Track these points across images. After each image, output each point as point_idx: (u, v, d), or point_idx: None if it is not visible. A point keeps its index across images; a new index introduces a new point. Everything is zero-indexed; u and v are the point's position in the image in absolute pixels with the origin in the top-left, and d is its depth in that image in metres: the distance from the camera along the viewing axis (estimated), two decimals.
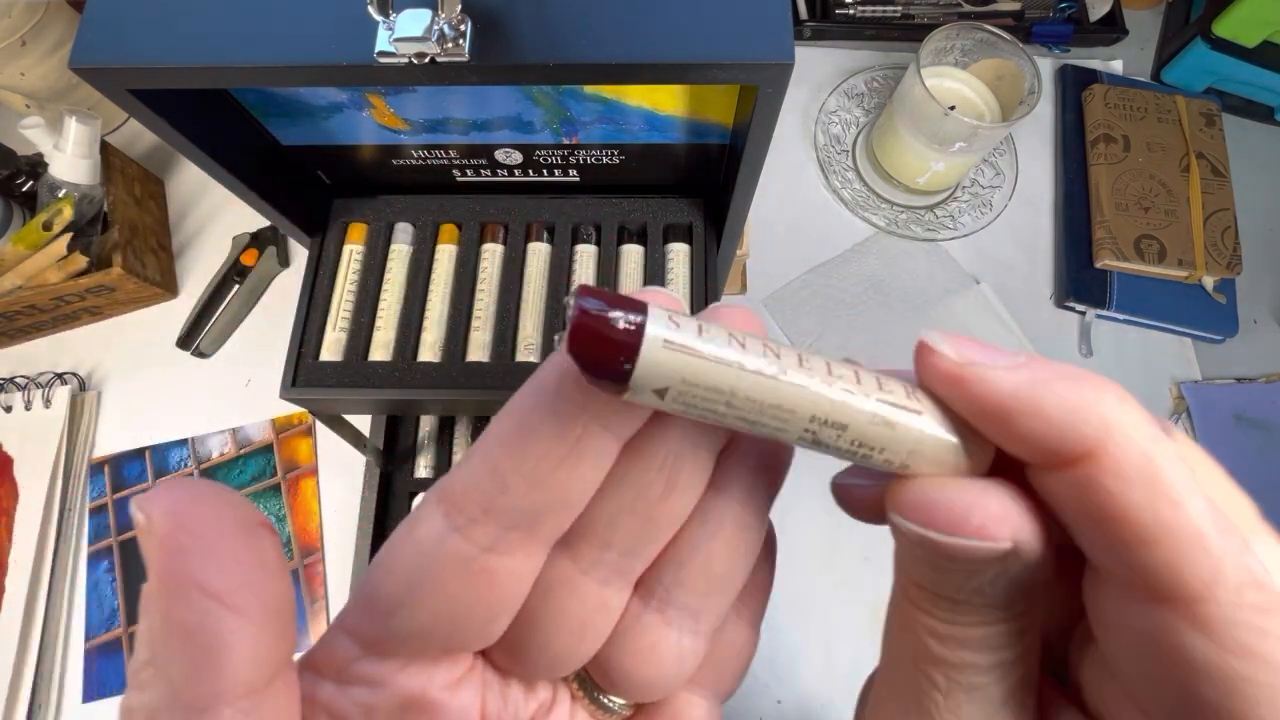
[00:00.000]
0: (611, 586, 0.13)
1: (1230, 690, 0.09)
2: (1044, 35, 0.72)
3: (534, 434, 0.11)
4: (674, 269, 0.41)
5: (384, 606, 0.12)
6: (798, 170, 0.68)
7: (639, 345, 0.09)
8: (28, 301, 0.55)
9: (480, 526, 0.12)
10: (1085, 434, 0.10)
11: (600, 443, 0.12)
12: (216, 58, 0.26)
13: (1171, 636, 0.09)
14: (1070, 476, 0.10)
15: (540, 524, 0.12)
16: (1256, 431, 0.59)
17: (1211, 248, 0.62)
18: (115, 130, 0.68)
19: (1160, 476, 0.10)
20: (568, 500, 0.12)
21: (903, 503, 0.11)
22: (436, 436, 0.55)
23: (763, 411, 0.10)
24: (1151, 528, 0.09)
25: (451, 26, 0.25)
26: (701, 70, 0.26)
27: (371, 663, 0.13)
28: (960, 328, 0.61)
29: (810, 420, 0.10)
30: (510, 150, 0.39)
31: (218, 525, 0.11)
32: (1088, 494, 0.10)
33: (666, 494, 0.12)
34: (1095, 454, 0.10)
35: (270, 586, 0.11)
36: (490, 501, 0.12)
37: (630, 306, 0.10)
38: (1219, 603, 0.09)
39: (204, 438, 0.59)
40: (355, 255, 0.41)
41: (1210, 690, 0.09)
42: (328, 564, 0.55)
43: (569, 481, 0.12)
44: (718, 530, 0.13)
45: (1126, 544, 0.10)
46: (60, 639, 0.53)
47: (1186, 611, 0.09)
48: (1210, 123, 0.67)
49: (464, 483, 0.12)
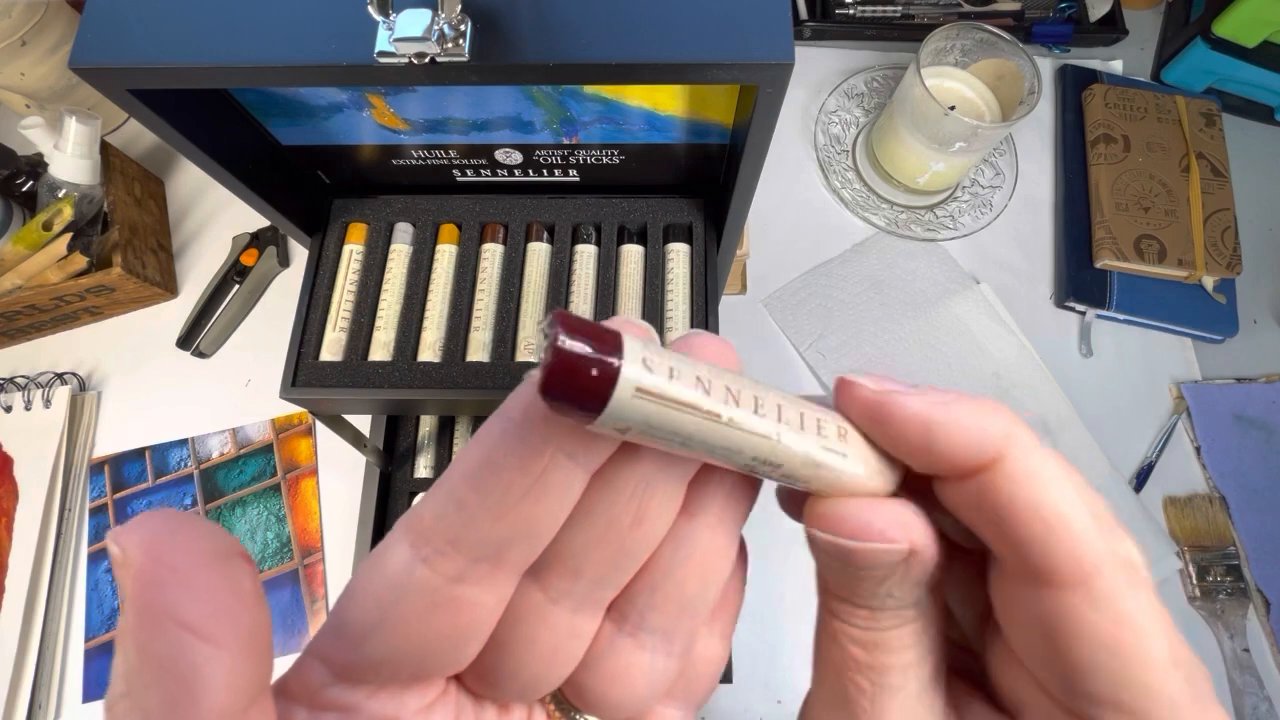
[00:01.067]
0: (582, 614, 0.13)
1: (1115, 653, 0.11)
2: (1044, 35, 0.72)
3: (499, 466, 0.12)
4: (674, 269, 0.41)
5: (354, 635, 0.12)
6: (798, 170, 0.68)
7: (610, 393, 0.10)
8: (28, 301, 0.55)
9: (446, 558, 0.12)
10: (991, 443, 0.12)
11: (566, 475, 0.12)
12: (216, 58, 0.26)
13: (1066, 613, 0.11)
14: (977, 483, 0.12)
15: (507, 555, 0.12)
16: (1256, 431, 0.59)
17: (1211, 248, 0.62)
18: (115, 130, 0.68)
19: (1055, 477, 0.11)
20: (534, 532, 0.12)
21: (818, 517, 0.13)
22: (436, 436, 0.55)
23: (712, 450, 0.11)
24: (1050, 520, 0.11)
25: (451, 26, 0.25)
26: (701, 70, 0.26)
27: (343, 689, 0.13)
28: (960, 328, 0.61)
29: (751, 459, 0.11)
30: (510, 150, 0.39)
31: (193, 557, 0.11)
32: (994, 495, 0.12)
33: (637, 523, 0.12)
34: (999, 460, 0.12)
35: (246, 615, 0.11)
36: (456, 533, 0.12)
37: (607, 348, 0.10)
38: (1105, 580, 0.11)
39: (204, 438, 0.59)
40: (355, 255, 0.41)
41: (1100, 656, 0.11)
42: (328, 564, 0.55)
43: (535, 514, 0.12)
44: (690, 555, 0.13)
45: (1029, 536, 0.11)
46: (60, 639, 0.53)
47: (1081, 590, 0.11)
48: (1210, 123, 0.67)
49: (431, 515, 0.12)
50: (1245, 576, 0.54)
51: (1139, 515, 0.56)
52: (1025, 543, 0.11)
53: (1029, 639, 0.12)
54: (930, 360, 0.61)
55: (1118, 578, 0.11)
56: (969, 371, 0.60)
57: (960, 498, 0.12)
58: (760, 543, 0.39)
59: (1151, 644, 0.11)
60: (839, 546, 0.12)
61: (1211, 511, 0.56)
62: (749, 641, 0.52)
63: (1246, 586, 0.54)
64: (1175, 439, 0.59)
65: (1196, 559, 0.55)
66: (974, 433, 0.12)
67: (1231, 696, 0.52)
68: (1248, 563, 0.55)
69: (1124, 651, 0.11)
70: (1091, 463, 0.58)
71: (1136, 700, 0.11)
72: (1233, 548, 0.55)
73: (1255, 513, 0.56)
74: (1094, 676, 0.11)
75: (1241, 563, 0.55)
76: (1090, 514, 0.11)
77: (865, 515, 0.12)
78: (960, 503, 0.12)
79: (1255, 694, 0.51)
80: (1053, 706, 0.12)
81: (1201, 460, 0.58)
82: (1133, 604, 0.11)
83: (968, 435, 0.12)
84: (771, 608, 0.53)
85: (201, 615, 0.10)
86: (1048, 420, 0.59)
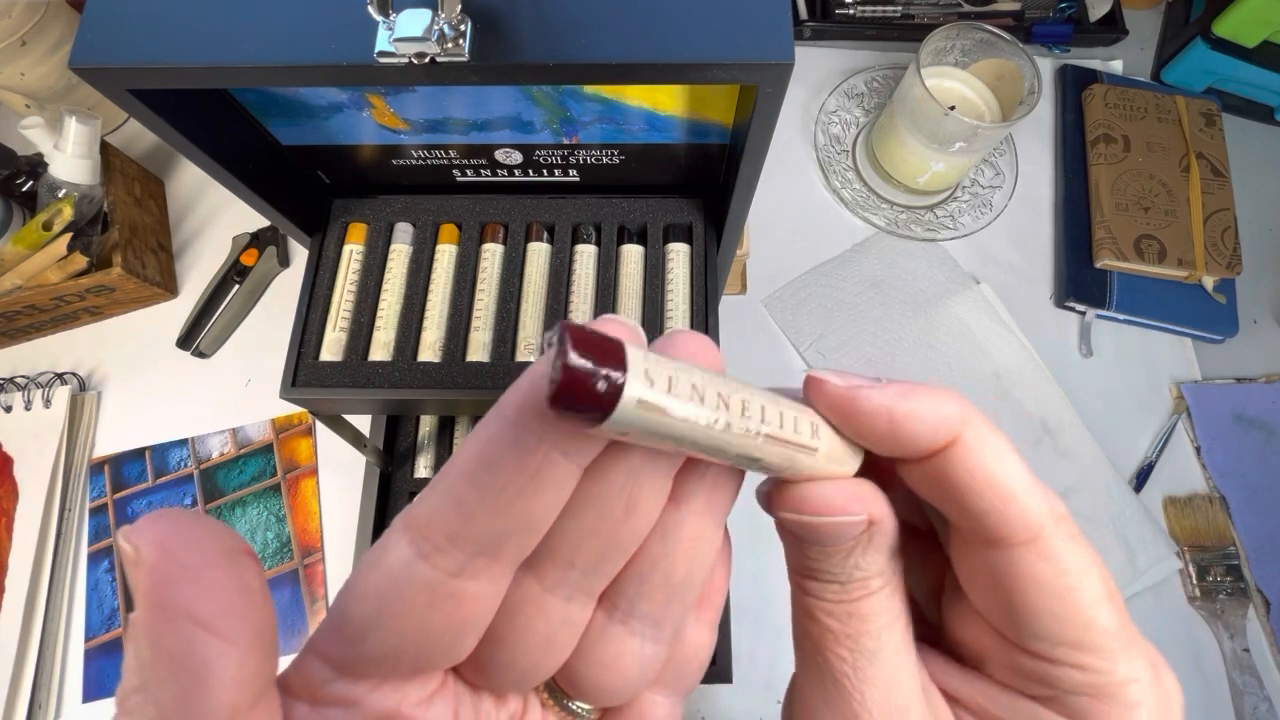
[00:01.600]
0: (575, 602, 0.14)
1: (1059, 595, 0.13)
2: (1044, 35, 0.72)
3: (496, 464, 0.12)
4: (674, 269, 0.41)
5: (355, 630, 0.13)
6: (798, 170, 0.68)
7: (615, 406, 0.10)
8: (28, 301, 0.55)
9: (446, 554, 0.12)
10: (947, 427, 0.13)
11: (561, 471, 0.12)
12: (216, 58, 0.26)
13: (1018, 568, 0.13)
14: (936, 462, 0.13)
15: (504, 549, 0.12)
16: (1256, 431, 0.59)
17: (1211, 248, 0.62)
18: (115, 130, 0.68)
19: (1003, 452, 0.13)
20: (530, 526, 0.12)
21: (786, 501, 0.14)
22: (436, 436, 0.55)
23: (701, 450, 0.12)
24: (1002, 490, 0.13)
25: (451, 26, 0.25)
26: (701, 70, 0.26)
27: (345, 684, 0.13)
28: (960, 328, 0.62)
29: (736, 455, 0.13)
30: (510, 150, 0.39)
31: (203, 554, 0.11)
32: (953, 472, 0.13)
33: (627, 515, 0.13)
34: (956, 442, 0.13)
35: (254, 612, 0.11)
36: (455, 530, 0.12)
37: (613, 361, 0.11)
38: (1047, 536, 0.13)
39: (204, 438, 0.59)
40: (355, 255, 0.41)
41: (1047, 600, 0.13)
42: (328, 564, 0.55)
43: (531, 509, 0.12)
44: (677, 543, 0.14)
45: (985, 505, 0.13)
46: (60, 639, 0.53)
47: (1030, 546, 0.13)
48: (1210, 123, 0.67)
49: (429, 512, 0.12)
50: (1245, 576, 0.54)
51: (1139, 515, 0.56)
52: (982, 511, 0.13)
53: (987, 594, 0.14)
54: (930, 360, 0.61)
55: (1057, 532, 0.13)
56: (969, 371, 0.60)
57: (922, 476, 0.14)
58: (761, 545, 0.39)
59: (1087, 584, 0.13)
60: (806, 524, 0.14)
61: (1211, 511, 0.56)
62: (749, 641, 0.52)
63: (1246, 586, 0.54)
64: (1175, 439, 0.59)
65: (1196, 559, 0.55)
66: (932, 419, 0.13)
67: (1231, 696, 0.52)
68: (1248, 563, 0.55)
69: (1066, 594, 0.13)
70: (1091, 463, 0.58)
71: (1079, 633, 0.13)
72: (1233, 548, 0.55)
73: (1255, 513, 0.56)
74: (1043, 619, 0.13)
75: (1241, 563, 0.55)
76: (1031, 480, 0.13)
77: (828, 494, 0.14)
78: (922, 481, 0.14)
79: (1255, 694, 0.51)
80: (1013, 651, 0.14)
81: (1201, 460, 0.58)
82: (1069, 552, 0.13)
83: (927, 422, 0.13)
84: (771, 609, 0.53)
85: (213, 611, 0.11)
86: (1048, 420, 0.59)
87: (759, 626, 0.53)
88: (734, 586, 0.51)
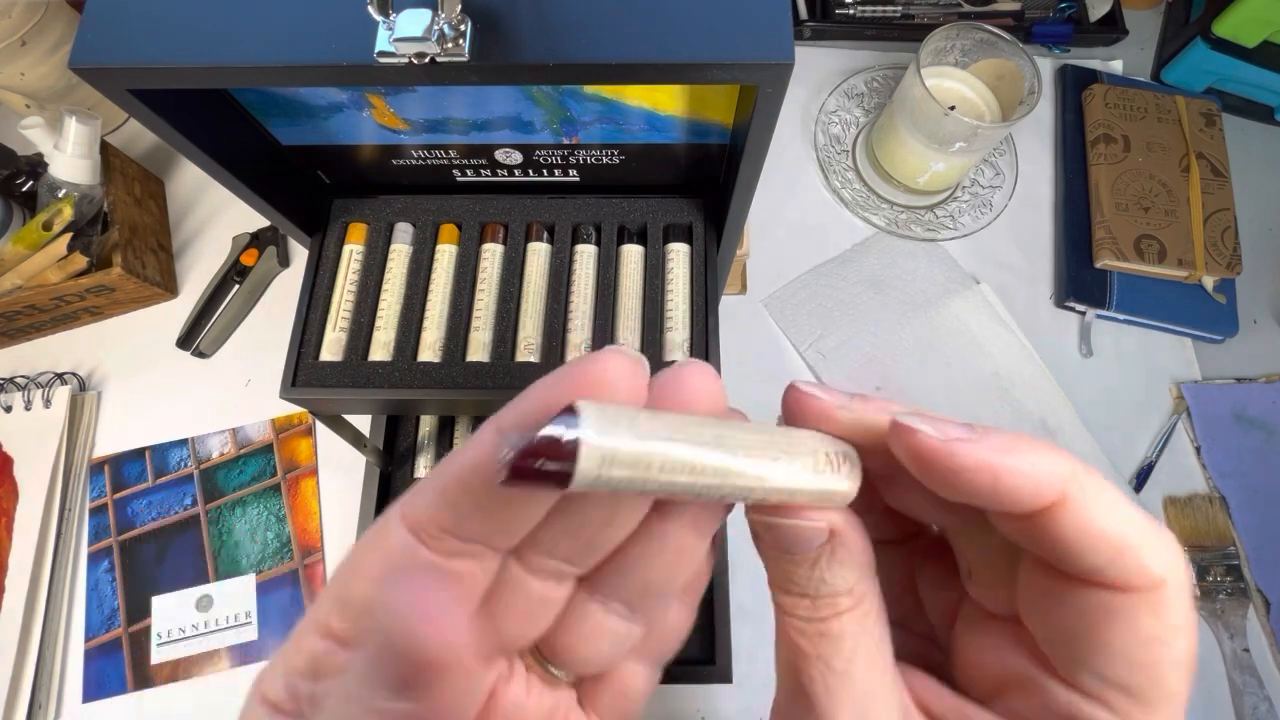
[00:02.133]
0: (553, 583, 0.15)
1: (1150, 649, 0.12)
2: (1044, 35, 0.72)
3: (489, 475, 0.13)
4: (674, 269, 0.41)
5: (357, 606, 0.14)
6: (798, 170, 0.68)
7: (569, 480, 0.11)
8: (28, 301, 0.55)
9: (441, 542, 0.13)
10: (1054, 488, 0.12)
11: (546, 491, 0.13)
12: (216, 58, 0.26)
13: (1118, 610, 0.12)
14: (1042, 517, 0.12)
15: (493, 542, 0.14)
16: (1256, 431, 0.59)
17: (1211, 248, 0.62)
18: (115, 130, 0.68)
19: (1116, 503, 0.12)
20: (517, 530, 0.14)
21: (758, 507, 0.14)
22: (436, 436, 0.55)
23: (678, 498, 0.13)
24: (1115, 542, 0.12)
25: (451, 26, 0.25)
26: (701, 70, 0.26)
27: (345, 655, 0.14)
28: (960, 328, 0.61)
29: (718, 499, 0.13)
30: (510, 150, 0.39)
31: None
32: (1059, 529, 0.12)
33: (606, 524, 0.14)
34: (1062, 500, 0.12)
35: None
36: (449, 526, 0.13)
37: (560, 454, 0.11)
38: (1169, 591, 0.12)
39: (204, 438, 0.59)
40: (355, 255, 0.41)
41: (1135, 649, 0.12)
42: (328, 564, 0.55)
43: (518, 516, 0.13)
44: (660, 552, 0.14)
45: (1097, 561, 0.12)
46: (60, 639, 0.53)
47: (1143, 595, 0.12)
48: (1210, 123, 0.67)
49: (426, 509, 0.14)
50: (1245, 576, 0.54)
51: None
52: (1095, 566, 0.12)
53: (1053, 620, 0.13)
54: (930, 360, 0.61)
55: (1180, 591, 0.12)
56: (969, 371, 0.60)
57: (1022, 529, 0.13)
58: None
59: (1178, 644, 0.12)
60: (770, 524, 0.14)
61: (1211, 511, 0.56)
62: (749, 641, 0.52)
63: (1246, 586, 0.54)
64: (1175, 439, 0.59)
65: (1196, 559, 0.55)
66: (1037, 477, 0.12)
67: (1231, 696, 0.52)
68: (1248, 563, 0.55)
69: (1155, 647, 0.12)
70: (1091, 463, 0.57)
71: (1142, 683, 0.12)
72: (1233, 548, 0.55)
73: (1255, 513, 0.56)
74: (1116, 661, 0.12)
75: (1241, 563, 0.55)
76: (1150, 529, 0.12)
77: None
78: (1020, 533, 0.13)
79: (1255, 694, 0.51)
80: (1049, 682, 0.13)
81: (1201, 460, 0.58)
82: (1181, 613, 0.12)
83: (1032, 479, 0.12)
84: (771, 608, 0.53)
85: None
86: (1047, 420, 0.59)
87: (759, 626, 0.53)
88: (734, 586, 0.51)
